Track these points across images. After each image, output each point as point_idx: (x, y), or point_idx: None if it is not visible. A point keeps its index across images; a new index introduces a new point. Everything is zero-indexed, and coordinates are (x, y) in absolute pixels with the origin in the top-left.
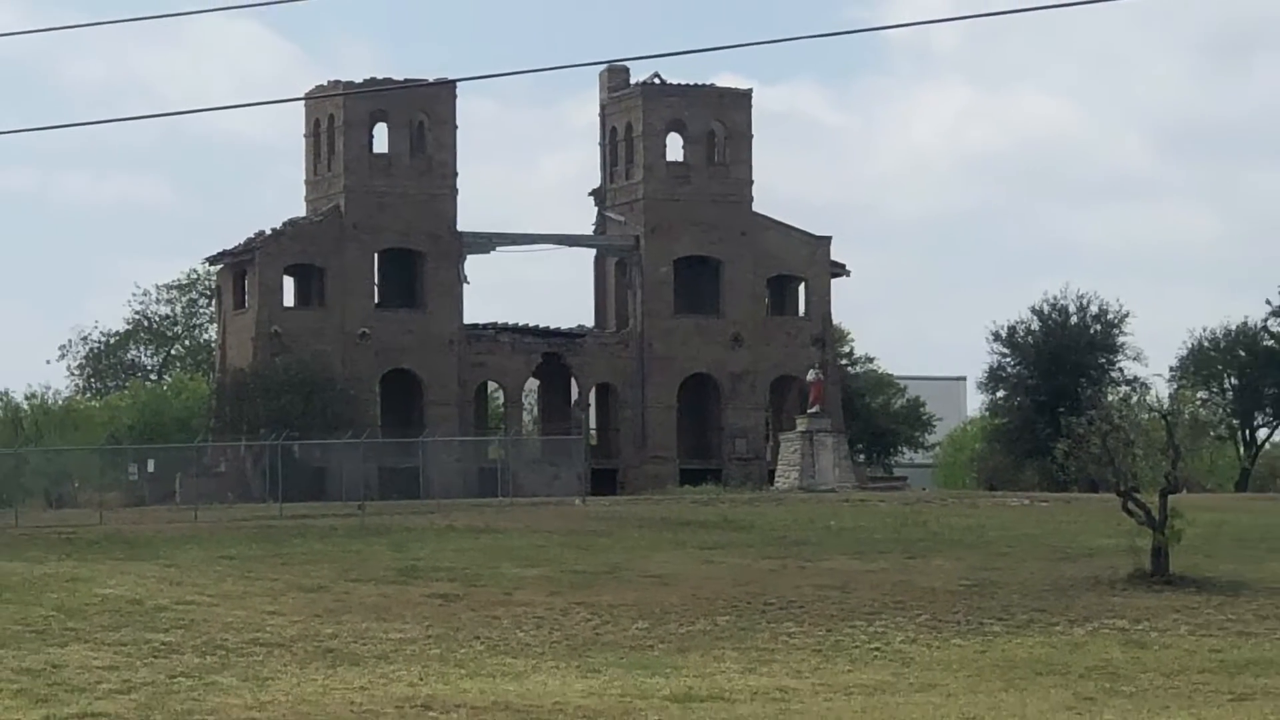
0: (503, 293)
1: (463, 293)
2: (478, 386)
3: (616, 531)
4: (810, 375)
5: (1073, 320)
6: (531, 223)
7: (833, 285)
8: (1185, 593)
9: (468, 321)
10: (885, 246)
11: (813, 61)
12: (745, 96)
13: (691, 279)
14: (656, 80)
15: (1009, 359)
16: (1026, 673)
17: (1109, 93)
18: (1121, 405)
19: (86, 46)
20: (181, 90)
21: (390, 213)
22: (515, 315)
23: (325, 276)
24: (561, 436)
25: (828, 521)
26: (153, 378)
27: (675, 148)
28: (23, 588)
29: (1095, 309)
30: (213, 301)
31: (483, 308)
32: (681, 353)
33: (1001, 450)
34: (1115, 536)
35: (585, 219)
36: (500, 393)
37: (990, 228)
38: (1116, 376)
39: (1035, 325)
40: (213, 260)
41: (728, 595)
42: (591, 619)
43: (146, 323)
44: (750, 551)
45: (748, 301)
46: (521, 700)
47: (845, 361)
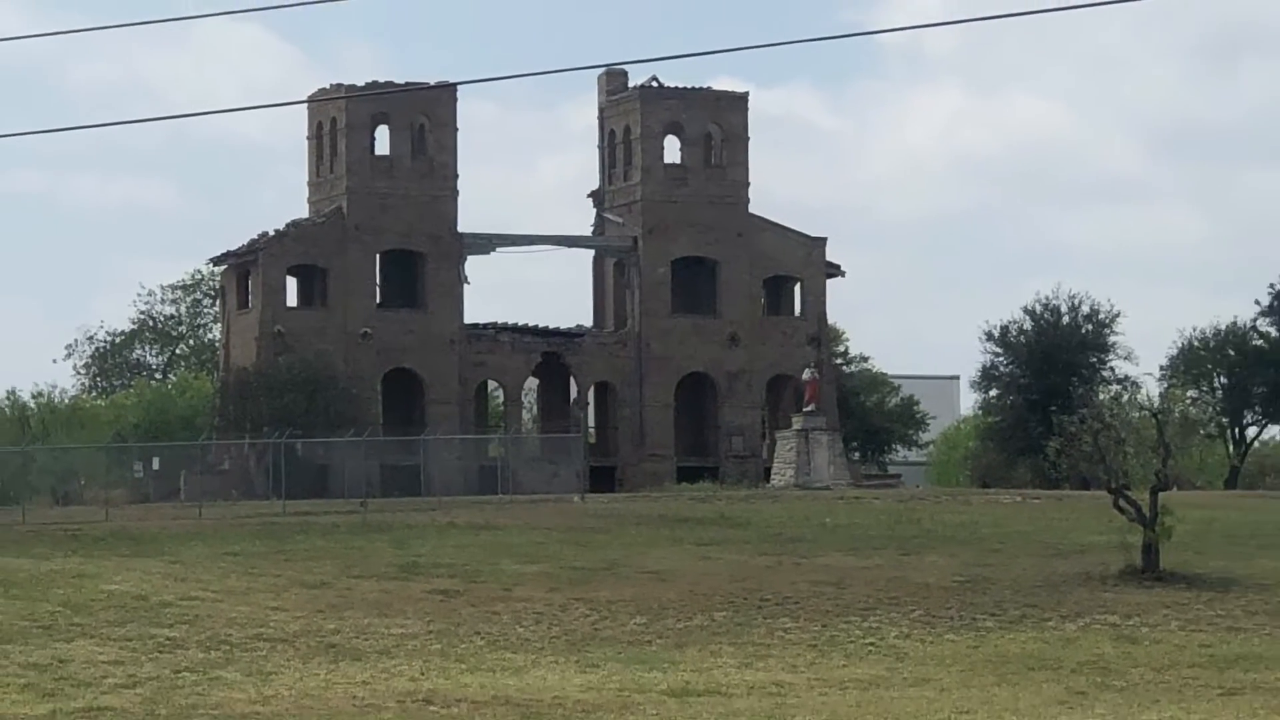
0: (503, 293)
1: (463, 293)
2: (478, 385)
3: (615, 528)
4: (806, 374)
5: (1064, 320)
6: (531, 224)
7: (828, 285)
8: (1175, 589)
9: (468, 321)
10: (879, 247)
11: (808, 65)
12: (742, 99)
13: (689, 279)
14: (654, 83)
15: (1002, 358)
16: (1019, 667)
17: (1100, 96)
18: (1113, 404)
19: (93, 50)
20: (186, 93)
21: (392, 214)
22: (515, 315)
23: (327, 277)
24: (560, 435)
25: (823, 518)
26: (158, 377)
27: (673, 150)
28: (29, 584)
29: (1087, 309)
30: (217, 301)
31: (483, 308)
32: (679, 352)
33: (994, 448)
34: (1106, 533)
35: (584, 220)
36: (500, 391)
37: (983, 229)
38: (1108, 375)
39: (1027, 325)
40: (217, 261)
41: (724, 591)
42: (590, 615)
43: (152, 322)
44: (747, 548)
45: (744, 301)
46: (521, 695)
47: (840, 361)
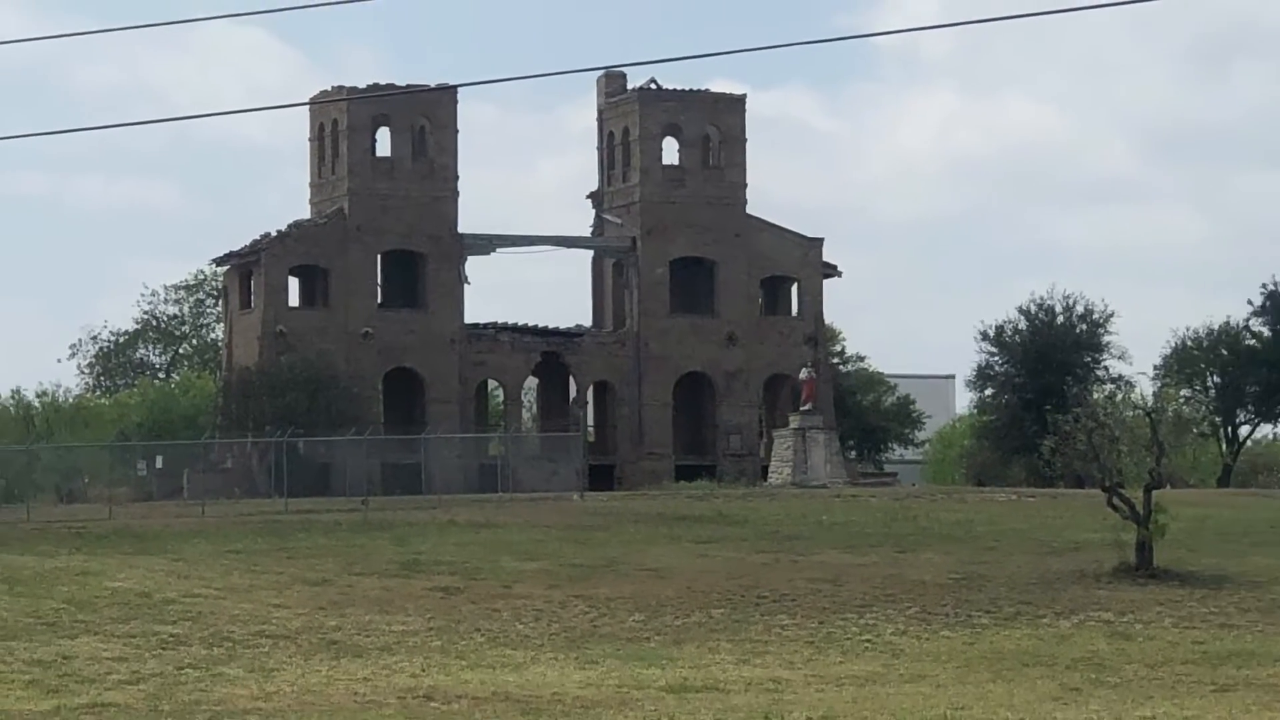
0: (502, 293)
1: (463, 293)
2: (478, 385)
3: (613, 526)
4: (803, 373)
5: (1059, 320)
6: (530, 225)
7: (824, 286)
8: (1169, 586)
9: (468, 321)
10: (876, 248)
11: (805, 68)
12: (739, 102)
13: (687, 280)
14: (653, 86)
15: (997, 358)
16: (1014, 664)
17: (1094, 98)
18: (1107, 403)
19: (97, 53)
20: (190, 96)
21: (393, 215)
22: (515, 315)
23: (329, 277)
24: (560, 433)
25: (820, 516)
26: (161, 376)
27: (671, 151)
28: (34, 581)
29: (1081, 309)
30: (220, 302)
31: (483, 308)
32: (677, 352)
33: (989, 447)
34: (1100, 531)
35: (583, 221)
36: (500, 390)
37: (978, 230)
38: (1102, 375)
39: (1022, 325)
40: (219, 261)
41: (722, 588)
42: (589, 611)
43: (155, 322)
44: (744, 545)
45: (742, 302)
46: (521, 691)
47: (837, 360)
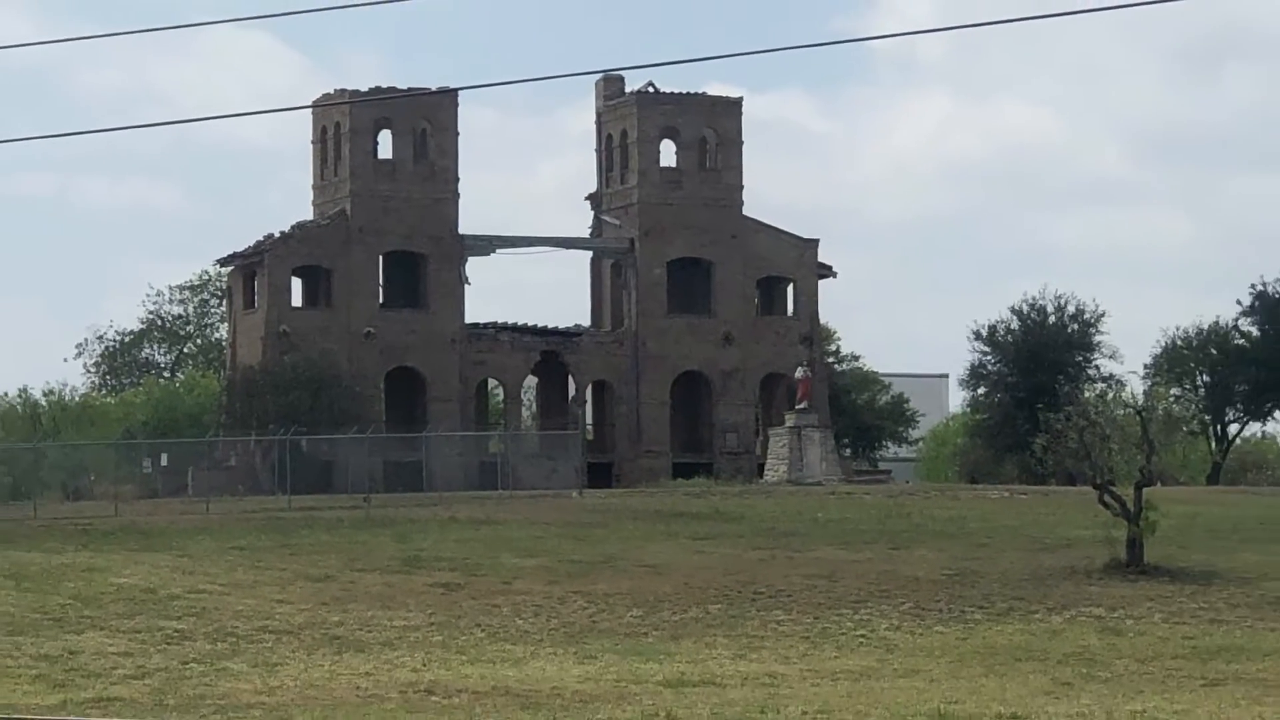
0: (502, 293)
1: (464, 293)
2: (478, 383)
3: (612, 523)
4: (798, 373)
5: (1051, 320)
6: (530, 226)
7: (820, 286)
8: (1159, 582)
9: (469, 321)
10: (870, 249)
11: (801, 71)
12: (736, 104)
13: (684, 280)
14: (650, 89)
15: (989, 357)
16: (1006, 659)
17: (1086, 101)
18: (1098, 401)
19: (103, 57)
20: (194, 98)
21: (394, 216)
22: (515, 315)
23: (332, 278)
24: (559, 432)
25: (815, 513)
26: (166, 375)
27: (668, 154)
28: (41, 577)
29: (1073, 309)
30: (224, 302)
31: (483, 308)
32: (674, 351)
33: (982, 445)
34: (1092, 528)
35: (582, 222)
36: (500, 389)
37: (972, 231)
38: (1093, 374)
39: (1015, 324)
40: (224, 262)
41: (719, 584)
42: (588, 607)
43: (160, 322)
44: (740, 542)
45: (738, 302)
46: (521, 685)
47: (832, 359)
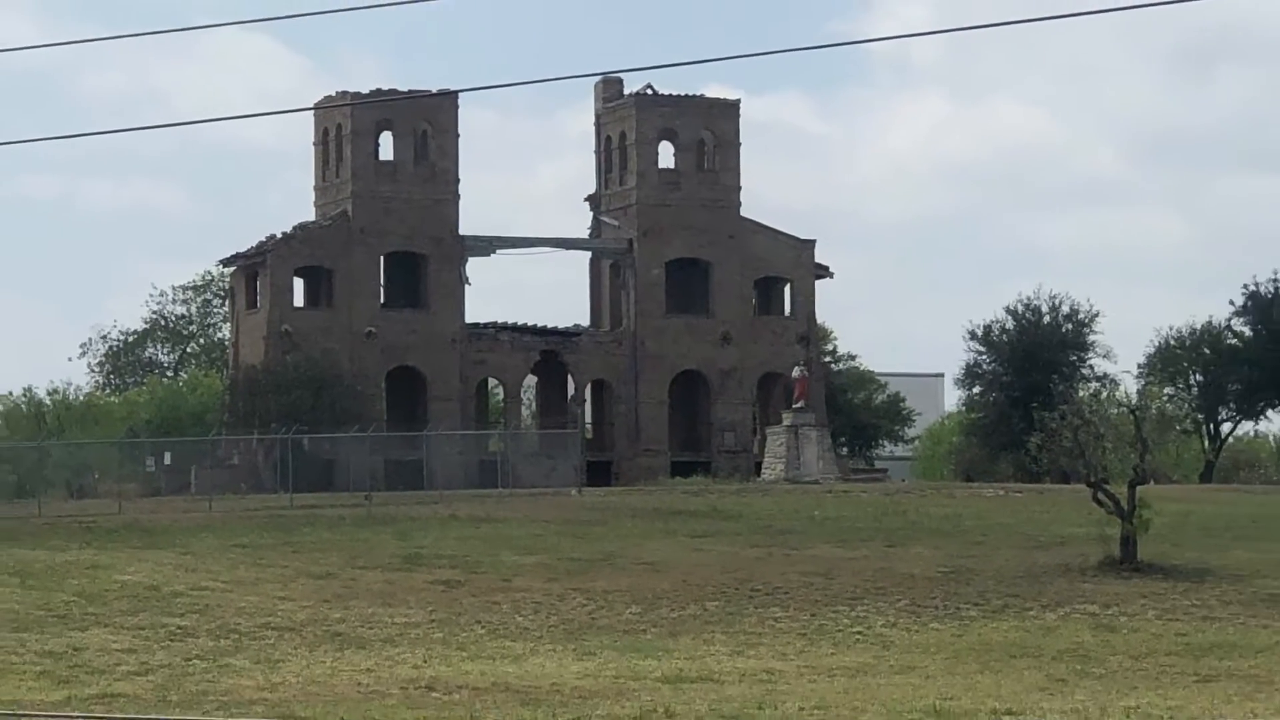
0: (502, 293)
1: (464, 293)
2: (479, 383)
3: (611, 521)
4: (795, 372)
5: (1045, 320)
6: (530, 227)
7: (817, 286)
8: (1152, 579)
9: (469, 321)
10: (867, 249)
11: (798, 73)
12: (733, 106)
13: (682, 280)
14: (649, 91)
15: (985, 356)
16: (1001, 655)
17: (1080, 103)
18: (1092, 401)
19: (107, 60)
20: (197, 101)
21: (395, 217)
22: (514, 315)
23: (333, 278)
24: (558, 430)
25: (812, 511)
26: (169, 374)
27: (667, 155)
28: (45, 574)
29: (1067, 309)
30: (226, 302)
31: (483, 308)
32: (673, 351)
33: (977, 443)
34: (1086, 526)
35: (581, 223)
36: (500, 389)
37: (967, 231)
38: (1087, 373)
39: (1010, 324)
40: (226, 262)
41: (717, 582)
42: (587, 604)
43: (163, 322)
44: (738, 540)
45: (736, 302)
46: (520, 681)
47: (829, 359)
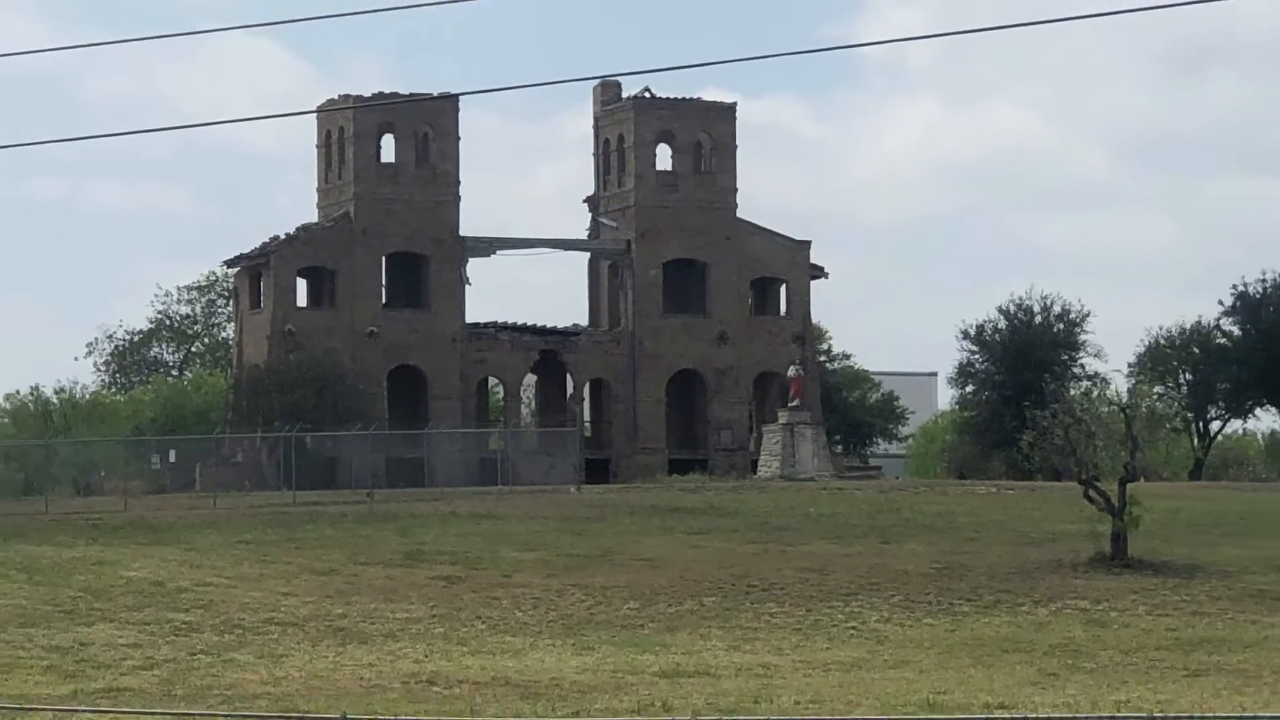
0: (502, 294)
1: (465, 294)
2: (479, 382)
3: (609, 518)
4: (791, 371)
5: (1037, 319)
6: (529, 228)
7: (812, 286)
8: (1143, 575)
9: (470, 320)
10: (861, 250)
11: (793, 77)
12: (730, 109)
13: (680, 281)
14: (647, 94)
15: (977, 356)
16: (994, 650)
17: (1072, 106)
18: (1083, 399)
19: (112, 63)
20: (201, 104)
21: (397, 219)
22: (514, 315)
23: (336, 278)
24: (557, 429)
25: (807, 508)
26: (174, 373)
27: (664, 157)
28: (52, 570)
29: (1058, 309)
30: (230, 302)
31: (483, 308)
32: (670, 350)
33: (970, 441)
34: (1077, 522)
35: (580, 224)
36: (500, 387)
37: (960, 232)
38: (1078, 372)
39: (1002, 324)
40: (230, 263)
41: (713, 577)
42: (586, 600)
43: (168, 322)
44: (735, 536)
45: (732, 302)
46: (520, 676)
47: (824, 358)
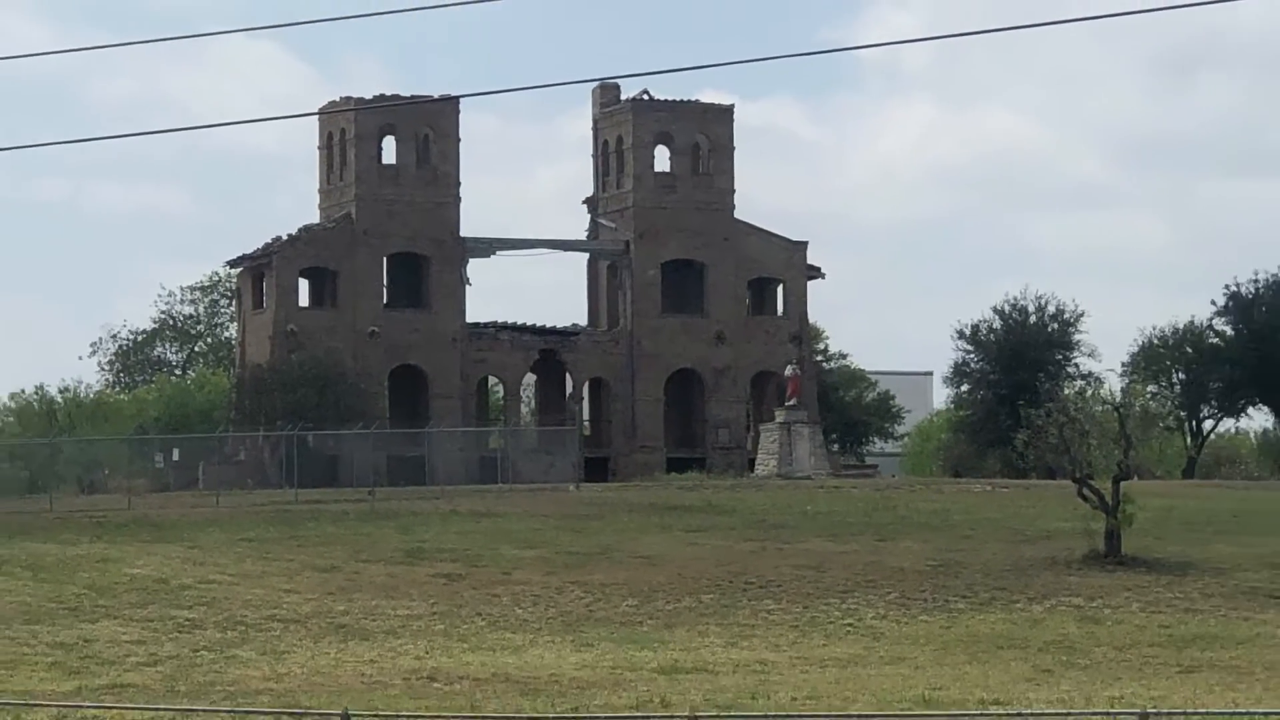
0: (502, 294)
1: (465, 294)
2: (479, 381)
3: (608, 515)
4: (788, 370)
5: (1032, 319)
6: (529, 229)
7: (808, 287)
8: (1136, 572)
9: (470, 320)
10: (857, 251)
11: (790, 79)
12: (727, 112)
13: (678, 281)
14: (645, 96)
15: (973, 355)
16: (989, 646)
17: (1066, 109)
18: (1077, 398)
19: (115, 66)
20: (204, 106)
21: (398, 220)
22: (514, 315)
23: (337, 279)
24: (557, 428)
25: (804, 506)
26: (177, 373)
27: (663, 159)
28: (57, 568)
29: (1053, 309)
30: (233, 302)
31: (484, 308)
32: (668, 350)
33: (965, 440)
34: (1071, 520)
35: (579, 225)
36: (500, 386)
37: (955, 233)
38: (1072, 372)
39: (997, 324)
40: (233, 264)
41: (711, 575)
42: (585, 597)
43: (172, 321)
44: (732, 534)
45: (730, 302)
46: (520, 672)
47: (820, 358)
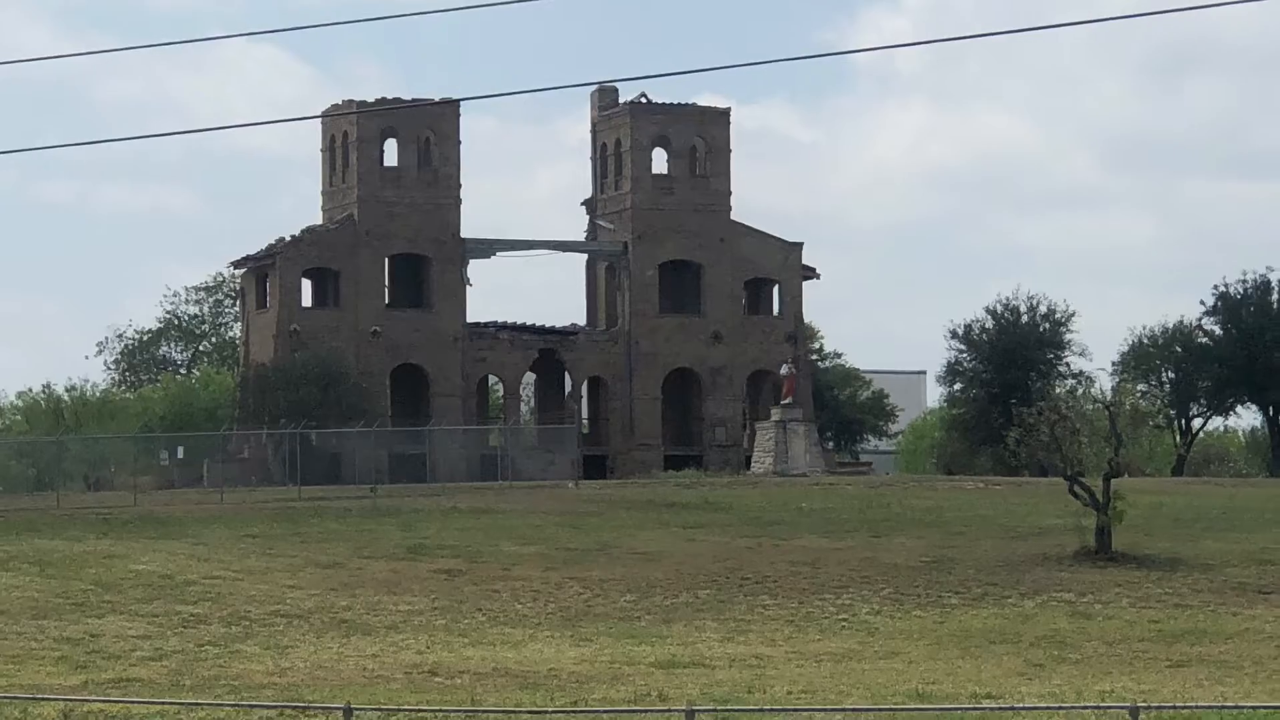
0: (502, 294)
1: (466, 294)
2: (479, 380)
3: (606, 512)
4: (783, 369)
5: (1024, 319)
6: (529, 230)
7: (804, 287)
8: (1126, 568)
9: (470, 320)
10: (852, 252)
11: (786, 83)
12: (724, 115)
13: (675, 281)
14: (643, 100)
15: (965, 354)
16: (981, 641)
17: (1057, 111)
18: (1068, 397)
19: (121, 69)
20: (209, 109)
21: (399, 221)
22: (514, 315)
23: (340, 279)
24: (556, 426)
25: (799, 503)
26: (182, 372)
27: (660, 161)
28: (63, 564)
29: (1044, 309)
30: (237, 302)
31: (484, 308)
32: (666, 349)
33: (958, 438)
34: (1062, 517)
35: (578, 226)
36: (500, 385)
37: (948, 234)
38: (1064, 370)
39: (989, 323)
40: (237, 264)
41: (708, 571)
42: (583, 592)
43: (177, 321)
44: (729, 531)
45: (726, 302)
46: (520, 666)
47: (815, 357)
